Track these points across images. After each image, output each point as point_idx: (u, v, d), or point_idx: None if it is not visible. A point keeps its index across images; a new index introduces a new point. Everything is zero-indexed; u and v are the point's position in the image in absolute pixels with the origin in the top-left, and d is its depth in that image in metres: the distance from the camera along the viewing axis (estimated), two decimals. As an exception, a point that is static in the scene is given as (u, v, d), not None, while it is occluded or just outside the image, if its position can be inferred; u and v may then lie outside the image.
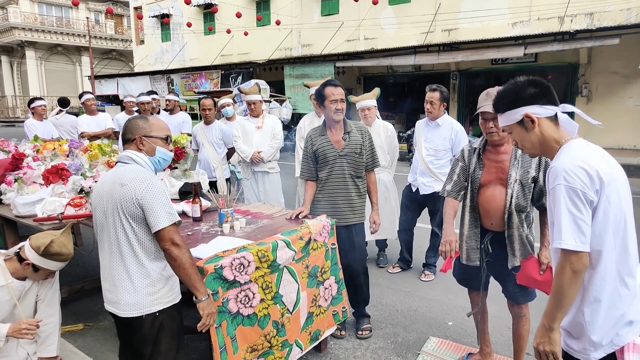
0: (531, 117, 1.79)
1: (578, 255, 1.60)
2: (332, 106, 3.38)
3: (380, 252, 5.28)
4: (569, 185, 1.61)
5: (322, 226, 3.07)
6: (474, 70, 16.82)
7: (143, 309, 2.12)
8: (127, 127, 2.25)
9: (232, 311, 2.44)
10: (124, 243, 2.10)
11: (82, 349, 3.39)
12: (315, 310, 3.04)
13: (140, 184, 2.06)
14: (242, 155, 5.39)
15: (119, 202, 2.06)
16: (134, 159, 2.18)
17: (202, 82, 20.17)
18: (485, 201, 2.78)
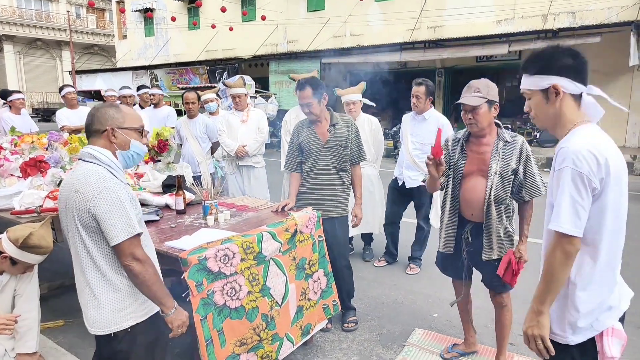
0: (558, 89, 1.68)
1: (571, 239, 1.60)
2: (303, 108, 3.39)
3: (366, 246, 5.28)
4: (577, 169, 1.57)
5: (308, 218, 3.04)
6: (459, 67, 16.94)
7: (111, 327, 1.90)
8: (95, 116, 1.94)
9: (218, 304, 2.39)
10: (83, 255, 1.87)
11: (62, 345, 3.32)
12: (305, 304, 3.01)
13: (93, 191, 1.79)
14: (226, 149, 5.34)
15: (74, 211, 1.83)
16: (96, 156, 1.89)
17: (190, 78, 19.99)
18: (466, 191, 2.82)
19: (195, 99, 5.48)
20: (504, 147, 2.70)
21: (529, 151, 2.67)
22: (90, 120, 1.95)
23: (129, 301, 1.94)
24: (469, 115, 2.69)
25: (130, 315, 1.95)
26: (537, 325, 1.71)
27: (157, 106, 6.72)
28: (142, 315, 1.99)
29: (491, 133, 2.76)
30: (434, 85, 4.54)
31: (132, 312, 1.95)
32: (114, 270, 1.90)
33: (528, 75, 1.77)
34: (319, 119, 3.43)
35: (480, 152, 2.78)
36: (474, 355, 3.17)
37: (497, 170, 2.68)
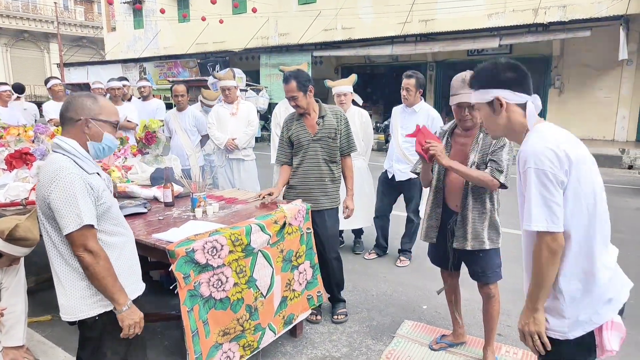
0: (501, 101, 1.78)
1: (553, 235, 1.61)
2: (289, 101, 3.40)
3: (357, 239, 5.28)
4: (538, 167, 1.61)
5: (297, 210, 3.03)
6: (450, 61, 16.95)
7: (77, 314, 1.91)
8: (71, 104, 1.92)
9: (204, 295, 2.39)
10: (48, 244, 1.90)
11: (50, 339, 3.29)
12: (289, 295, 3.02)
13: (49, 180, 1.81)
14: (216, 142, 5.31)
15: (39, 201, 1.88)
16: (61, 146, 1.89)
17: (179, 71, 19.82)
18: (449, 183, 2.84)
19: (184, 91, 5.44)
20: (484, 139, 2.70)
21: (506, 140, 2.65)
22: (66, 107, 1.94)
23: (95, 289, 1.92)
24: (465, 112, 2.66)
25: (97, 304, 1.93)
26: (532, 322, 1.72)
27: (146, 99, 6.66)
28: (106, 305, 1.95)
29: (476, 125, 2.76)
30: (424, 78, 4.54)
31: (100, 301, 1.94)
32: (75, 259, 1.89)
33: (474, 90, 1.88)
34: (306, 112, 3.42)
35: (462, 143, 2.81)
36: (462, 346, 3.19)
37: (474, 161, 2.69)
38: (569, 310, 1.69)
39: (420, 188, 4.70)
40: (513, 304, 3.79)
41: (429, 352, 3.15)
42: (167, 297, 3.91)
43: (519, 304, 3.75)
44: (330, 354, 3.13)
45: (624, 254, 5.14)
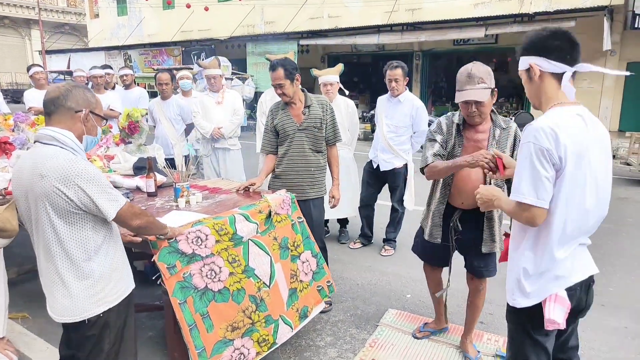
0: (534, 69, 1.79)
1: (537, 209, 1.68)
2: (275, 89, 3.36)
3: (342, 229, 5.30)
4: (537, 144, 1.65)
5: (282, 200, 3.02)
6: (436, 50, 16.99)
7: (83, 314, 1.86)
8: (72, 94, 1.85)
9: (198, 287, 2.35)
10: (53, 242, 1.80)
11: (32, 330, 3.27)
12: (297, 286, 2.99)
13: (65, 177, 1.72)
14: (201, 131, 5.26)
15: (43, 197, 1.75)
16: (58, 139, 1.80)
17: (164, 59, 19.57)
18: (460, 180, 2.70)
19: (168, 79, 5.37)
20: (500, 135, 2.61)
21: (517, 133, 2.63)
22: (64, 97, 1.84)
23: (100, 286, 1.90)
24: (473, 108, 2.53)
25: (102, 301, 1.91)
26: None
27: (128, 87, 6.56)
28: (114, 300, 1.96)
29: (486, 119, 2.65)
30: (407, 67, 4.54)
31: (104, 297, 1.92)
32: (86, 256, 1.85)
33: (518, 57, 1.88)
34: (292, 101, 3.40)
35: (476, 139, 2.66)
36: (445, 334, 3.23)
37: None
38: (524, 282, 1.82)
39: (404, 178, 4.72)
40: (495, 293, 3.85)
41: (412, 340, 3.18)
42: (151, 288, 3.89)
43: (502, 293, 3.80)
44: (315, 343, 3.15)
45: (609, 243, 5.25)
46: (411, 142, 4.71)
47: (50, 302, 1.90)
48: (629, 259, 4.65)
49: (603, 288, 3.99)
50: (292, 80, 3.30)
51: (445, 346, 3.12)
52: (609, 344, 3.14)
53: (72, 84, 1.92)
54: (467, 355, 2.97)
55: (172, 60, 19.29)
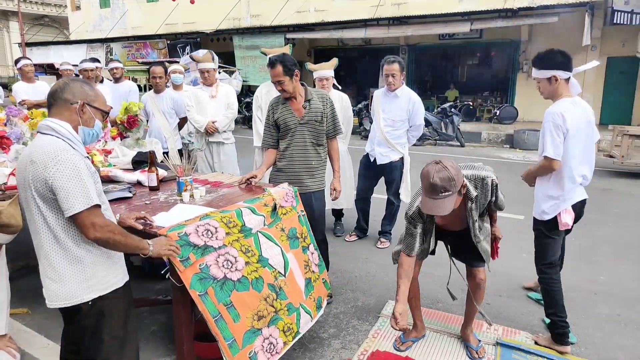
0: (556, 78, 2.87)
1: (554, 161, 2.85)
2: (275, 86, 3.37)
3: (337, 222, 5.34)
4: (554, 121, 2.82)
5: (285, 193, 3.04)
6: (422, 44, 17.07)
7: (72, 299, 1.87)
8: (69, 87, 1.91)
9: (217, 277, 2.33)
10: (41, 227, 1.84)
11: (32, 327, 3.24)
12: (311, 276, 3.01)
13: (49, 161, 1.75)
14: (196, 125, 5.24)
15: (31, 182, 1.79)
16: (54, 129, 1.85)
17: (147, 52, 19.30)
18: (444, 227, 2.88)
19: (162, 73, 5.32)
20: (475, 203, 2.63)
21: (494, 185, 2.62)
22: (61, 89, 1.90)
23: (90, 272, 1.91)
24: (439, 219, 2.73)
25: (92, 288, 1.91)
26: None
27: (118, 81, 6.49)
28: (105, 288, 1.95)
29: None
30: (403, 64, 4.56)
31: (95, 285, 1.92)
32: (74, 242, 1.87)
33: (537, 69, 2.95)
34: (293, 95, 3.41)
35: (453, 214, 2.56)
36: (445, 324, 3.29)
37: (475, 219, 2.67)
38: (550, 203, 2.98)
39: (401, 172, 4.76)
40: (491, 282, 3.92)
41: (413, 330, 3.23)
42: (149, 283, 3.89)
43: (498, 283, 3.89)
44: (318, 335, 3.18)
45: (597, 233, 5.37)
46: (407, 135, 4.75)
47: (45, 288, 1.92)
48: (617, 248, 4.77)
49: (594, 277, 4.10)
50: (291, 77, 3.30)
51: (447, 336, 3.18)
52: (603, 331, 3.24)
53: (71, 78, 1.97)
54: (469, 344, 3.03)
55: (156, 53, 19.05)
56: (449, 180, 2.34)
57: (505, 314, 3.47)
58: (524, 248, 4.62)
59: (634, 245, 4.89)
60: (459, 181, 2.40)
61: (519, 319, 3.40)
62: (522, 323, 3.34)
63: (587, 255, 4.57)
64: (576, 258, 4.49)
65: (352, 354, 2.96)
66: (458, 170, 2.41)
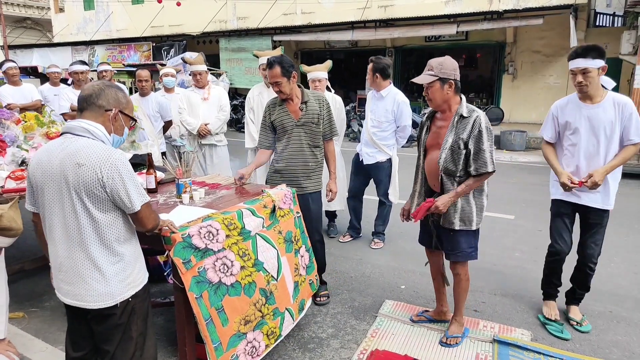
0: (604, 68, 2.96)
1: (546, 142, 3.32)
2: (273, 87, 3.38)
3: (330, 223, 5.37)
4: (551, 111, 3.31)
5: (284, 194, 3.06)
6: (408, 46, 17.20)
7: (116, 297, 1.91)
8: (104, 93, 1.92)
9: (213, 281, 2.36)
10: (87, 230, 1.83)
11: (28, 331, 3.20)
12: (299, 279, 3.05)
13: (104, 163, 1.78)
14: (188, 127, 5.24)
15: (78, 185, 1.78)
16: (91, 131, 1.86)
17: (129, 54, 19.12)
18: (427, 164, 3.02)
19: (148, 76, 5.30)
20: (459, 122, 2.81)
21: (482, 126, 2.73)
22: (97, 95, 1.91)
23: (129, 270, 1.97)
24: (425, 92, 2.88)
25: (131, 285, 1.97)
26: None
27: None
28: (139, 284, 2.02)
29: (451, 109, 2.87)
30: (382, 63, 4.54)
31: (132, 282, 1.98)
32: (117, 240, 1.91)
33: (589, 58, 2.91)
34: (290, 97, 3.43)
35: (439, 126, 2.94)
36: (442, 324, 3.33)
37: (450, 143, 2.81)
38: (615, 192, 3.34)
39: (388, 173, 4.81)
40: (485, 282, 3.99)
41: (412, 329, 3.27)
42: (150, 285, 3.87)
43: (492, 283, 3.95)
44: (317, 335, 3.20)
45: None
46: (396, 137, 4.80)
47: (80, 291, 1.88)
48: (607, 247, 4.80)
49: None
50: (288, 78, 3.32)
51: (444, 333, 3.22)
52: (597, 327, 3.30)
53: (106, 83, 1.97)
54: (446, 332, 3.13)
55: (139, 55, 18.88)
56: (438, 63, 2.78)
57: (501, 312, 3.52)
58: (517, 247, 4.70)
59: (623, 244, 4.99)
60: (446, 71, 2.76)
61: (514, 316, 3.46)
62: (517, 320, 3.40)
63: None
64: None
65: (352, 354, 2.98)
66: (454, 69, 2.80)
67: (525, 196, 6.72)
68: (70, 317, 2.04)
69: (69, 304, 1.93)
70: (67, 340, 2.09)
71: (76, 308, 1.93)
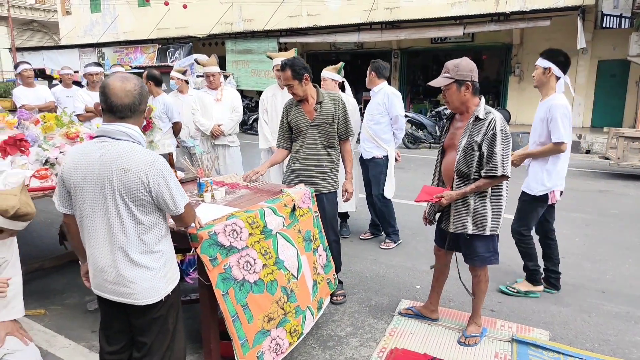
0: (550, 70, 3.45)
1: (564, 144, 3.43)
2: (287, 89, 3.42)
3: (342, 223, 5.37)
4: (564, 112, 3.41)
5: (303, 194, 3.08)
6: (414, 48, 17.24)
7: (161, 293, 1.97)
8: (145, 98, 1.94)
9: (237, 278, 2.39)
10: (132, 232, 1.86)
11: (50, 328, 3.23)
12: (317, 278, 3.07)
13: (150, 169, 1.81)
14: (202, 128, 5.27)
15: (122, 189, 1.81)
16: (130, 134, 1.87)
17: (136, 56, 19.23)
18: (444, 165, 3.07)
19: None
20: (474, 123, 2.81)
21: (496, 129, 2.72)
22: (139, 100, 1.91)
23: (169, 265, 2.03)
24: (443, 95, 2.92)
25: (171, 280, 2.04)
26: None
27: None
28: (176, 279, 2.09)
29: (469, 110, 2.88)
30: (379, 64, 4.74)
31: (172, 276, 2.05)
32: (157, 239, 1.96)
33: (540, 58, 3.50)
34: (304, 98, 3.46)
35: (456, 127, 2.97)
36: (455, 321, 3.35)
37: (464, 145, 2.82)
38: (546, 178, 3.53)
39: (384, 170, 4.83)
40: (500, 282, 4.00)
41: (430, 328, 3.29)
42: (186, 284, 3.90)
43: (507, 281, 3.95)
44: (336, 333, 3.21)
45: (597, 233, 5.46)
46: (393, 132, 4.84)
47: (127, 289, 1.91)
48: (619, 248, 4.87)
49: (601, 275, 4.19)
50: (300, 80, 3.35)
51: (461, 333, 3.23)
52: (615, 328, 3.30)
53: (139, 84, 1.93)
54: (464, 332, 3.14)
55: (145, 57, 18.98)
56: (454, 65, 2.82)
57: (518, 312, 3.53)
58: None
59: (635, 245, 4.99)
60: (462, 73, 2.79)
61: (531, 316, 3.46)
62: (534, 320, 3.40)
63: (590, 255, 4.66)
64: (580, 257, 4.58)
65: (371, 352, 2.99)
66: (470, 70, 2.81)
67: (535, 197, 6.71)
68: (107, 313, 2.07)
69: (115, 300, 1.95)
70: (101, 336, 2.12)
71: (114, 304, 1.96)
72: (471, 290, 3.14)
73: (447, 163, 2.99)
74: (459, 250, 3.13)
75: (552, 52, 3.49)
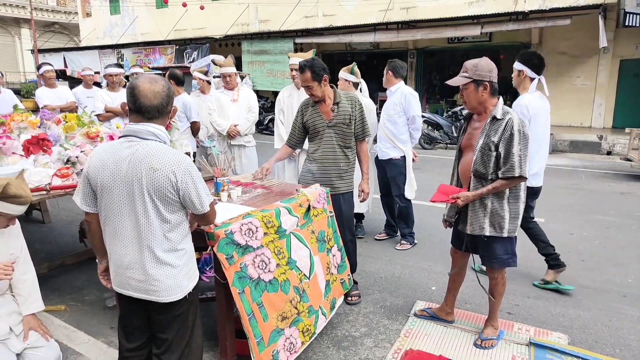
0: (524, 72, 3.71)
1: None
2: (305, 90, 3.44)
3: (357, 224, 5.37)
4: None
5: (318, 194, 3.09)
6: (430, 48, 17.13)
7: (184, 290, 2.00)
8: (171, 99, 1.96)
9: (253, 277, 2.41)
10: (158, 230, 1.89)
11: (70, 323, 3.30)
12: (330, 278, 3.09)
13: (177, 168, 1.84)
14: (218, 128, 5.32)
15: (151, 188, 1.83)
16: (157, 134, 1.89)
17: (155, 58, 19.46)
18: (461, 165, 3.05)
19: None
20: (491, 124, 2.79)
21: (514, 129, 2.69)
22: (166, 101, 1.92)
23: (191, 263, 2.07)
24: (461, 94, 2.92)
25: (193, 277, 2.08)
26: None
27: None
28: (196, 276, 2.12)
29: (487, 111, 2.86)
30: (395, 63, 4.76)
31: (193, 274, 2.09)
32: (181, 237, 1.99)
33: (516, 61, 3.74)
34: (322, 99, 3.47)
35: (475, 128, 2.95)
36: (471, 324, 3.32)
37: (481, 145, 2.80)
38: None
39: (402, 171, 4.81)
40: (517, 284, 3.96)
41: (445, 330, 3.27)
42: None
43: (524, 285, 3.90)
44: (350, 334, 3.22)
45: (619, 235, 5.36)
46: (409, 132, 4.82)
47: (152, 287, 1.94)
48: (634, 250, 4.77)
49: (622, 279, 4.11)
50: (319, 82, 3.36)
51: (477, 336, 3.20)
52: (637, 333, 3.24)
53: (167, 86, 1.94)
54: (480, 334, 3.12)
55: (164, 58, 19.21)
56: (472, 65, 2.81)
57: (535, 315, 3.49)
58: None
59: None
60: (481, 73, 2.77)
61: (549, 320, 3.42)
62: (552, 324, 3.36)
63: (612, 258, 4.57)
64: (602, 261, 4.50)
65: (386, 352, 2.99)
66: (489, 70, 2.78)
67: (554, 199, 6.62)
68: (127, 310, 2.09)
69: (139, 298, 1.97)
70: (120, 333, 2.15)
71: (136, 301, 1.99)
72: (490, 293, 3.09)
73: (465, 164, 2.98)
74: (476, 252, 3.10)
75: (525, 55, 3.74)
